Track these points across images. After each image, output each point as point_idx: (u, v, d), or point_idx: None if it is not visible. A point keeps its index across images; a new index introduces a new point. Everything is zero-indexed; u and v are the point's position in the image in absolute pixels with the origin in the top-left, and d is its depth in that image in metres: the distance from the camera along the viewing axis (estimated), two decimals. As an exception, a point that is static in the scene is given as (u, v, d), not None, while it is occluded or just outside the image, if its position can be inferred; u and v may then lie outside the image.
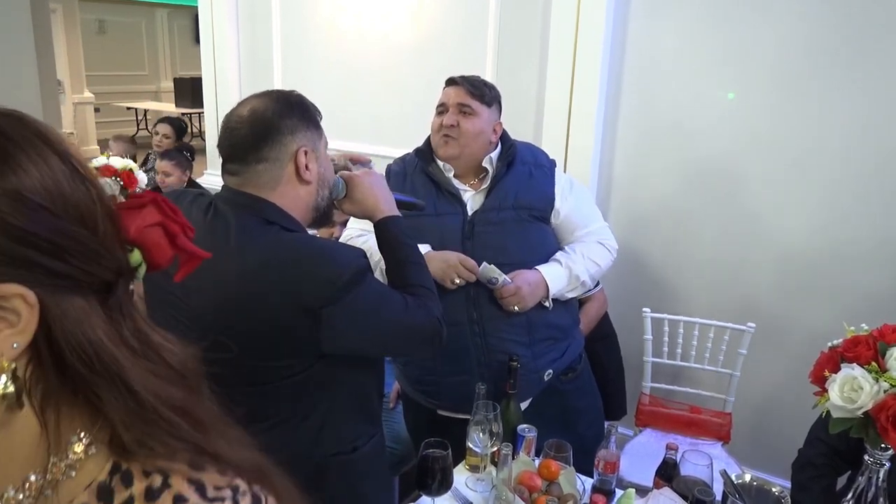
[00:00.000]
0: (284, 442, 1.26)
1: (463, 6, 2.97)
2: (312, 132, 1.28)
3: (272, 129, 1.23)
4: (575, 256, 1.86)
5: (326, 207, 1.35)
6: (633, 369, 2.58)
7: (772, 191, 2.45)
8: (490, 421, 1.61)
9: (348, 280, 1.18)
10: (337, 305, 1.16)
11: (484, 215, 1.81)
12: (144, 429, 0.52)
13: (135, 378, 0.52)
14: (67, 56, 8.78)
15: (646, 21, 2.58)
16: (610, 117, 2.70)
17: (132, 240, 0.56)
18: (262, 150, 1.23)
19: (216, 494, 0.52)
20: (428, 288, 1.36)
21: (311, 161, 1.27)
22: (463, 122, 1.80)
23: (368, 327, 1.24)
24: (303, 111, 1.28)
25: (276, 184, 1.24)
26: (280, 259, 1.18)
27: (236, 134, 1.24)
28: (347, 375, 1.30)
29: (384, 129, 3.30)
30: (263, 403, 1.24)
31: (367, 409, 1.38)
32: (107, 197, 0.54)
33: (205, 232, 1.23)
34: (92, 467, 0.52)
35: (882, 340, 1.24)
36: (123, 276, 0.55)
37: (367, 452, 1.36)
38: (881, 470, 1.31)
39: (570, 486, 1.54)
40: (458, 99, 1.82)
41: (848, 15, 2.22)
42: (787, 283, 2.48)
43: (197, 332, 1.22)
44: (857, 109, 2.26)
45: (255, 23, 3.71)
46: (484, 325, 1.79)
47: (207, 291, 1.19)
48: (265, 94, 1.29)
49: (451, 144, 1.81)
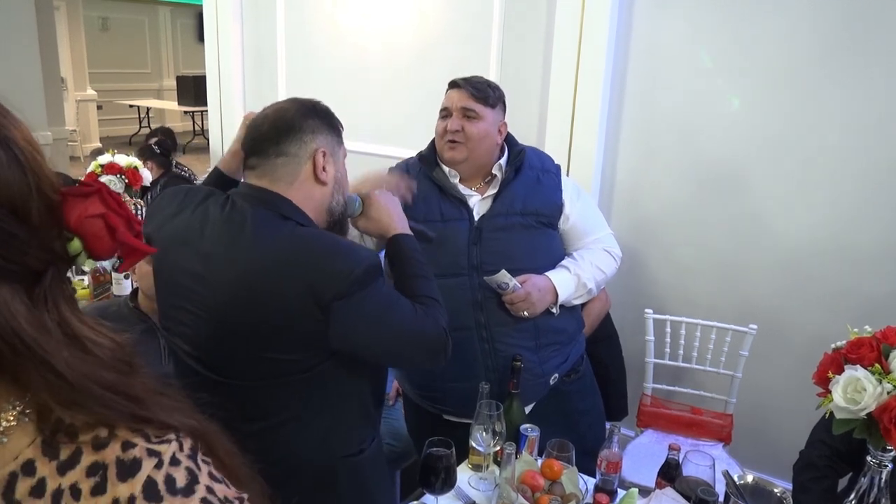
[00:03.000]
0: (294, 441, 1.27)
1: (467, 6, 2.97)
2: (333, 138, 1.34)
3: (294, 125, 1.28)
4: (583, 264, 1.85)
5: (341, 214, 1.38)
6: (634, 370, 2.58)
7: (774, 192, 2.46)
8: (493, 420, 1.61)
9: (361, 275, 1.19)
10: (348, 300, 1.17)
11: (491, 221, 1.79)
12: (77, 400, 0.53)
13: (60, 362, 0.52)
14: (70, 53, 8.79)
15: (650, 23, 2.58)
16: (613, 119, 2.71)
17: (72, 229, 0.55)
18: (282, 145, 1.27)
19: (161, 436, 0.55)
20: (436, 299, 1.37)
21: (329, 164, 1.31)
22: (468, 127, 1.78)
23: (378, 327, 1.24)
24: (326, 117, 1.34)
25: (293, 179, 1.28)
26: (294, 252, 1.20)
27: (259, 129, 1.30)
28: (355, 379, 1.31)
29: (388, 129, 3.31)
30: (274, 400, 1.25)
31: (368, 414, 1.39)
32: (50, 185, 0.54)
33: (221, 226, 1.25)
34: (23, 434, 0.54)
35: (886, 342, 1.25)
36: (55, 266, 0.55)
37: (371, 454, 1.38)
38: (884, 471, 1.31)
39: (572, 486, 1.54)
40: (461, 103, 1.79)
41: (856, 15, 2.22)
42: (789, 285, 2.48)
43: (211, 323, 1.24)
44: (861, 111, 2.26)
45: (259, 21, 3.71)
46: (491, 330, 1.78)
47: (222, 283, 1.21)
48: (292, 99, 1.35)
49: (458, 149, 1.79)
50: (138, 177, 2.88)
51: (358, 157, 3.21)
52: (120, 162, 2.84)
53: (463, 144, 1.78)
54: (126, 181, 2.86)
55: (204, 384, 1.31)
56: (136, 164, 2.93)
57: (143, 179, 2.92)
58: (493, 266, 1.75)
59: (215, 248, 1.24)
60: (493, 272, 1.73)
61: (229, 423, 1.35)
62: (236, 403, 1.27)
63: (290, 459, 1.28)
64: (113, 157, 2.89)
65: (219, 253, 1.23)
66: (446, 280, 1.73)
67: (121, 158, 2.89)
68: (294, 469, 1.27)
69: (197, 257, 1.25)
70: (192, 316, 1.26)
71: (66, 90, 8.43)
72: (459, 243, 1.77)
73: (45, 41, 4.67)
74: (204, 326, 1.25)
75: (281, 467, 1.28)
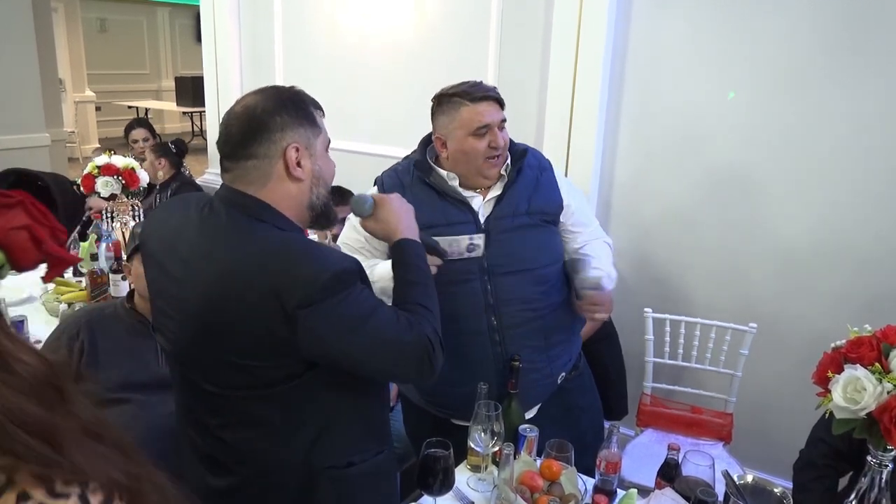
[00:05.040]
0: (279, 450, 1.25)
1: (465, 6, 2.97)
2: (306, 129, 1.27)
3: (261, 126, 1.22)
4: (603, 264, 1.84)
5: (323, 206, 1.32)
6: (634, 369, 2.58)
7: (774, 191, 2.45)
8: (492, 420, 1.61)
9: (328, 282, 1.14)
10: (316, 307, 1.13)
11: (498, 222, 1.76)
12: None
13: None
14: (69, 54, 8.79)
15: (648, 22, 2.57)
16: (612, 119, 2.70)
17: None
18: (251, 147, 1.23)
19: (66, 490, 0.49)
20: (428, 308, 1.32)
21: (304, 158, 1.25)
22: (504, 137, 1.76)
23: (350, 336, 1.19)
24: (297, 107, 1.26)
25: (265, 181, 1.24)
26: (262, 257, 1.17)
27: (229, 131, 1.25)
28: (346, 391, 1.27)
29: (385, 128, 3.31)
30: (260, 409, 1.23)
31: (371, 428, 1.35)
32: None
33: (199, 230, 1.24)
34: None
35: (886, 342, 1.24)
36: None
37: (368, 469, 1.32)
38: (884, 471, 1.30)
39: (571, 486, 1.54)
40: (500, 116, 1.75)
41: (857, 14, 2.21)
42: (789, 284, 2.47)
43: (188, 327, 1.23)
44: (862, 111, 2.26)
45: (257, 21, 3.71)
46: (503, 333, 1.76)
47: (197, 288, 1.20)
48: (261, 91, 1.28)
49: (499, 161, 1.76)
50: (135, 178, 2.87)
51: (356, 157, 3.23)
52: (117, 163, 2.83)
53: (501, 156, 1.76)
54: (123, 182, 2.85)
55: (187, 389, 1.31)
56: (133, 165, 2.92)
57: (140, 180, 2.91)
58: (504, 268, 1.73)
59: (191, 252, 1.22)
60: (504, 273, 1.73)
61: (208, 428, 1.34)
62: (217, 410, 1.26)
63: (271, 467, 1.26)
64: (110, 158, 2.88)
65: (194, 257, 1.22)
66: (457, 286, 1.73)
67: (118, 159, 2.88)
68: (274, 477, 1.26)
69: (177, 262, 1.24)
70: (173, 320, 1.26)
71: (65, 91, 8.42)
72: None
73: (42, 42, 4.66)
74: (182, 331, 1.24)
75: (261, 475, 1.27)
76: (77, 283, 2.77)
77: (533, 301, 1.78)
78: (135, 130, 4.10)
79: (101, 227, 2.95)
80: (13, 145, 4.07)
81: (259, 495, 1.28)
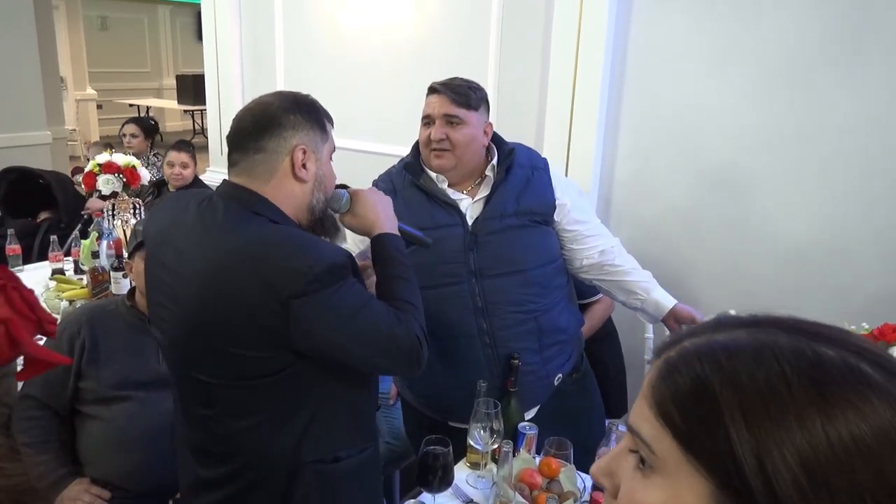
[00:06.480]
0: (266, 441, 1.26)
1: (465, 5, 2.97)
2: (317, 134, 1.30)
3: (275, 121, 1.26)
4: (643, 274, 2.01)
5: (322, 212, 1.34)
6: (634, 368, 2.58)
7: (773, 190, 2.45)
8: (491, 418, 1.61)
9: (320, 273, 1.15)
10: (309, 298, 1.15)
11: (486, 224, 1.74)
12: None
13: None
14: (70, 52, 8.79)
15: (649, 21, 2.58)
16: (612, 119, 2.70)
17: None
18: (261, 140, 1.25)
19: None
20: (413, 304, 1.33)
21: (310, 161, 1.28)
22: (452, 134, 1.71)
23: (342, 328, 1.20)
24: (310, 112, 1.30)
25: (270, 176, 1.26)
26: (256, 248, 1.18)
27: (242, 124, 1.28)
28: (335, 383, 1.28)
29: (386, 127, 3.31)
30: (248, 400, 1.24)
31: (358, 423, 1.36)
32: None
33: (194, 222, 1.26)
34: None
35: (882, 339, 1.24)
36: None
37: (353, 465, 1.33)
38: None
39: (570, 484, 1.54)
40: (443, 110, 1.71)
41: (857, 14, 2.21)
42: (789, 282, 2.48)
43: (181, 317, 1.24)
44: (862, 110, 2.25)
45: (258, 20, 3.71)
46: (494, 335, 1.74)
47: (191, 278, 1.21)
48: (278, 93, 1.32)
49: (445, 157, 1.73)
50: (136, 176, 2.88)
51: (356, 155, 3.23)
52: (118, 161, 2.84)
53: (450, 152, 1.72)
54: (124, 180, 2.86)
55: (181, 380, 1.32)
56: (134, 163, 2.93)
57: (140, 178, 2.92)
58: (493, 270, 1.72)
59: (187, 244, 1.24)
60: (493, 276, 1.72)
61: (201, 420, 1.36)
62: (209, 401, 1.27)
63: (259, 458, 1.27)
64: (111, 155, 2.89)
65: (189, 248, 1.24)
66: (445, 289, 1.71)
67: (119, 157, 2.89)
68: (263, 470, 1.27)
69: (173, 254, 1.26)
70: (168, 311, 1.27)
71: (66, 90, 8.42)
72: (455, 250, 1.72)
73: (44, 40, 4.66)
74: (176, 321, 1.26)
75: (250, 467, 1.28)
76: (78, 281, 2.78)
77: (524, 303, 1.75)
78: (126, 125, 4.47)
79: (102, 224, 2.96)
80: (14, 143, 4.08)
81: (246, 488, 1.29)
